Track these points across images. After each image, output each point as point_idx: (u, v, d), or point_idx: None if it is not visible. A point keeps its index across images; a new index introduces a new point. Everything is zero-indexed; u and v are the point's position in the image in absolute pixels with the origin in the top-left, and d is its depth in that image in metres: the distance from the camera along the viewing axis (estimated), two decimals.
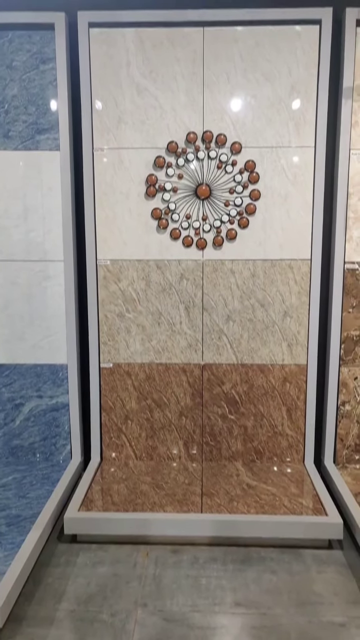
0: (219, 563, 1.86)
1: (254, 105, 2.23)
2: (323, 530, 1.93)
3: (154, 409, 2.46)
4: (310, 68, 2.19)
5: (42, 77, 2.27)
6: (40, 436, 2.48)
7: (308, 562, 1.87)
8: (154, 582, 1.76)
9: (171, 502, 2.08)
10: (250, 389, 2.43)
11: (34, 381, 2.45)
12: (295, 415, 2.44)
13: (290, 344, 2.39)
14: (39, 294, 2.40)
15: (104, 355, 2.43)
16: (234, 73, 2.21)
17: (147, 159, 2.28)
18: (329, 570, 1.83)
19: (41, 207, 2.34)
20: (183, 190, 2.30)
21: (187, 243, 2.33)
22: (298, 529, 1.93)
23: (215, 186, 2.29)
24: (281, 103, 2.22)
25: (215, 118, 2.25)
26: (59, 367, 2.44)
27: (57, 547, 1.95)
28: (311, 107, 2.22)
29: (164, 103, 2.24)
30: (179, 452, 2.47)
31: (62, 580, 1.77)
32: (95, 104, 2.25)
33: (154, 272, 2.36)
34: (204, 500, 2.10)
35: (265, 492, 2.16)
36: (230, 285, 2.36)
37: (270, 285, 2.35)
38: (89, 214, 2.32)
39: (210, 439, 2.46)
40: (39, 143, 2.30)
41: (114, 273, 2.37)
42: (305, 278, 2.34)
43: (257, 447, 2.46)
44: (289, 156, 2.25)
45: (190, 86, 2.23)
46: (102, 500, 2.10)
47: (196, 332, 2.40)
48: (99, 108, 2.26)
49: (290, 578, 1.79)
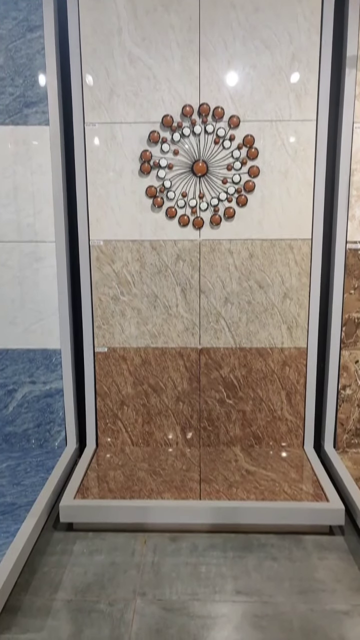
0: (218, 550, 1.83)
1: (253, 75, 2.12)
2: (324, 517, 1.89)
3: (150, 394, 2.40)
4: (312, 35, 2.08)
5: (29, 46, 2.15)
6: (34, 423, 2.42)
7: (309, 549, 1.84)
8: (152, 570, 1.72)
9: (169, 488, 2.04)
10: (249, 373, 2.37)
11: (26, 367, 2.38)
12: (294, 400, 2.39)
13: (290, 326, 2.33)
14: (30, 276, 2.32)
15: (99, 340, 2.36)
16: (231, 41, 2.09)
17: (141, 134, 2.18)
18: (330, 557, 1.79)
19: (31, 186, 2.25)
20: (179, 166, 2.20)
21: (183, 222, 2.24)
22: (299, 515, 1.89)
23: (212, 162, 2.19)
24: (281, 73, 2.11)
25: (212, 89, 2.14)
26: (52, 352, 2.37)
27: (53, 536, 1.91)
28: (313, 78, 2.11)
29: (157, 73, 2.13)
30: (176, 438, 2.42)
31: (59, 570, 1.73)
32: (85, 74, 2.14)
33: (149, 253, 2.28)
34: (202, 486, 2.05)
35: (265, 477, 2.12)
36: (228, 266, 2.28)
37: (269, 266, 2.28)
38: (81, 193, 2.23)
39: (208, 424, 2.41)
40: (27, 117, 2.20)
41: (107, 254, 2.29)
42: (305, 258, 2.26)
43: (255, 432, 2.41)
44: (289, 130, 2.16)
45: (186, 55, 2.11)
46: (99, 488, 2.06)
47: (193, 315, 2.34)
48: (90, 79, 2.14)
49: (292, 565, 1.75)
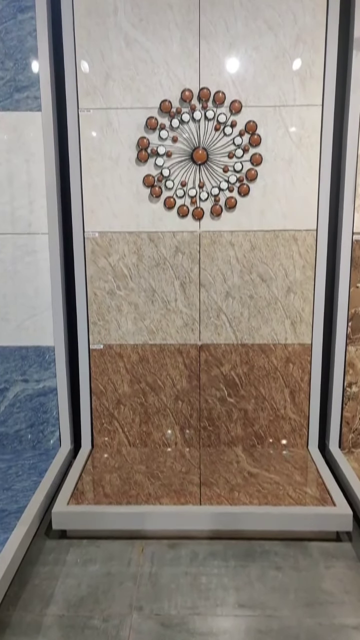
0: (219, 559, 1.73)
1: (255, 58, 2.01)
2: (331, 522, 1.80)
3: (147, 392, 2.30)
4: (317, 15, 1.97)
5: (20, 28, 2.05)
6: (26, 423, 2.32)
7: (315, 556, 1.74)
8: (149, 581, 1.63)
9: (167, 493, 1.94)
10: (251, 370, 2.27)
11: (18, 364, 2.28)
12: (298, 398, 2.29)
13: (293, 321, 2.23)
14: (23, 270, 2.22)
15: (94, 336, 2.26)
16: (233, 21, 1.98)
17: (138, 120, 2.07)
18: (338, 565, 1.70)
19: (23, 175, 2.14)
20: (178, 154, 2.10)
21: (183, 213, 2.14)
22: (304, 521, 1.80)
23: (212, 150, 2.09)
24: (285, 55, 2.01)
25: (212, 73, 2.03)
26: (46, 349, 2.27)
27: (45, 544, 1.81)
28: (319, 60, 2.00)
29: (155, 56, 2.02)
30: (175, 438, 2.33)
31: (51, 581, 1.63)
32: (79, 58, 2.03)
33: (147, 245, 2.18)
34: (202, 490, 1.96)
35: (268, 480, 2.02)
36: (229, 259, 2.18)
37: (272, 259, 2.18)
38: (75, 182, 2.13)
39: (208, 423, 2.32)
40: (19, 103, 2.09)
41: (103, 247, 2.18)
42: (310, 250, 2.16)
43: (258, 431, 2.32)
44: (293, 116, 2.05)
45: (185, 36, 2.00)
46: (94, 492, 1.96)
47: (193, 311, 2.24)
48: (84, 63, 2.03)
49: (297, 574, 1.66)
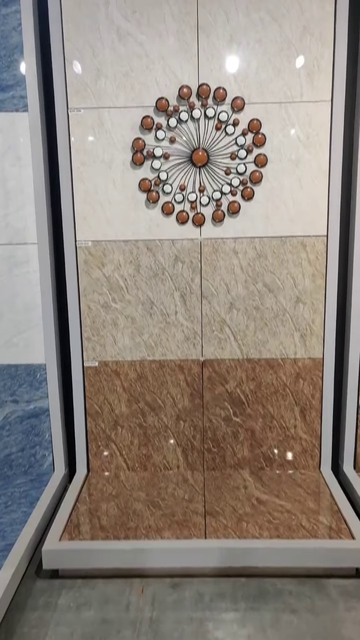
0: (228, 600, 1.57)
1: (258, 51, 1.87)
2: (350, 557, 1.64)
3: (147, 412, 2.14)
4: (325, 5, 1.83)
5: (4, 23, 1.92)
6: (17, 447, 2.16)
7: (333, 596, 1.58)
8: (150, 629, 1.46)
9: (169, 524, 1.78)
10: (258, 387, 2.12)
11: (7, 384, 2.13)
12: (309, 416, 2.13)
13: (303, 334, 2.08)
14: (10, 283, 2.07)
15: (88, 353, 2.11)
16: (234, 12, 1.84)
17: (133, 120, 1.93)
18: (359, 607, 1.53)
19: (9, 181, 2.01)
20: (176, 156, 1.95)
21: (182, 219, 1.99)
22: (320, 556, 1.64)
23: (213, 151, 1.94)
24: (291, 48, 1.86)
25: (212, 68, 1.89)
26: (37, 367, 2.12)
27: (35, 585, 1.64)
28: (327, 53, 1.86)
29: (150, 51, 1.88)
30: (177, 462, 2.16)
31: (40, 630, 1.47)
32: (68, 54, 1.89)
33: (144, 254, 2.03)
34: (207, 521, 1.79)
35: (279, 508, 1.86)
36: (233, 268, 2.03)
37: (279, 267, 2.03)
38: (66, 188, 1.99)
39: (212, 445, 2.16)
40: (4, 103, 1.96)
41: (96, 256, 2.03)
42: (320, 257, 2.01)
43: (266, 452, 2.16)
44: (300, 113, 1.91)
45: (182, 29, 1.86)
46: (89, 525, 1.80)
47: (194, 324, 2.08)
48: (73, 59, 1.89)
49: (314, 619, 1.49)
